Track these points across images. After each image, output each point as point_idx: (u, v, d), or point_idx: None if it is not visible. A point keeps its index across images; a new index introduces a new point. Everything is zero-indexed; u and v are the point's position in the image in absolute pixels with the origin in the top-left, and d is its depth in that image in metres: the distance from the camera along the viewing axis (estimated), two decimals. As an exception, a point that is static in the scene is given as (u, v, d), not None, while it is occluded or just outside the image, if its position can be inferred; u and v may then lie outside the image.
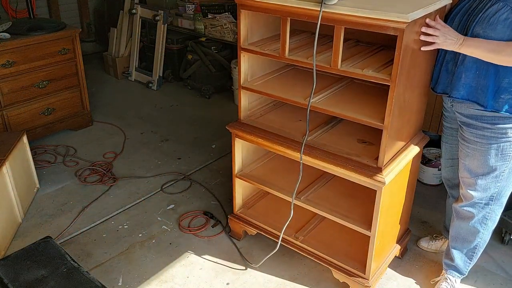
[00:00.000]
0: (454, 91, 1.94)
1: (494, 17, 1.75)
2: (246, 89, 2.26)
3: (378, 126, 1.88)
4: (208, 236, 2.71)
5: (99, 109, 4.40)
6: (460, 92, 1.92)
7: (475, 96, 1.89)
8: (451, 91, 1.96)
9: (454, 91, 1.94)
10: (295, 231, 2.42)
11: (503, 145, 1.90)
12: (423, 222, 2.84)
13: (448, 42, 1.80)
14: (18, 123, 3.48)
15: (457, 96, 1.93)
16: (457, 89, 1.92)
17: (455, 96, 1.94)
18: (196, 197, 3.08)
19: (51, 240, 2.05)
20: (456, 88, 1.93)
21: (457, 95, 1.93)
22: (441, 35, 1.80)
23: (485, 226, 2.11)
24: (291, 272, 2.45)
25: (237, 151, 2.42)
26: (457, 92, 1.93)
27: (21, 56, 3.37)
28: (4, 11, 4.92)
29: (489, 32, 1.77)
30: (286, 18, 1.95)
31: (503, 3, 1.74)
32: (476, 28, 1.80)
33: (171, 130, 4.03)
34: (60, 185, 3.20)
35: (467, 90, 1.90)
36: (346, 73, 1.91)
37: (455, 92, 1.93)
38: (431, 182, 3.19)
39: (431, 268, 2.47)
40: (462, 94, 1.92)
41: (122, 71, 5.21)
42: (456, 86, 1.92)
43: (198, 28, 4.78)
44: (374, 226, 2.03)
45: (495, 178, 1.98)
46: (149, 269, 2.47)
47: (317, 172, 2.39)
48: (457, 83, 1.92)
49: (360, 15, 1.71)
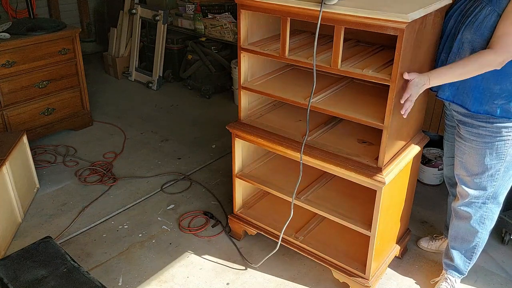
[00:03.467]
0: (440, 91, 1.96)
1: (482, 23, 1.76)
2: (246, 89, 2.26)
3: (378, 126, 1.88)
4: (208, 236, 2.71)
5: (99, 109, 4.40)
6: (446, 92, 1.94)
7: (460, 98, 1.90)
8: (437, 91, 1.98)
9: (440, 91, 1.96)
10: (295, 231, 2.42)
11: (498, 144, 1.91)
12: (423, 222, 2.84)
13: (421, 88, 1.78)
14: (18, 123, 3.48)
15: (442, 96, 1.95)
16: (443, 89, 1.94)
17: (441, 96, 1.96)
18: (196, 197, 3.09)
19: (51, 240, 2.05)
20: (442, 88, 1.94)
21: (443, 95, 1.95)
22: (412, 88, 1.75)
23: (483, 225, 2.11)
24: (291, 272, 2.45)
25: (237, 151, 2.43)
26: (443, 92, 1.95)
27: (21, 56, 3.37)
28: (4, 11, 4.92)
29: (476, 38, 1.78)
30: (286, 18, 1.95)
31: (492, 8, 1.74)
32: (465, 32, 1.81)
33: (171, 130, 4.03)
34: (60, 185, 3.20)
35: (452, 92, 1.92)
36: (346, 73, 1.91)
37: (441, 92, 1.95)
38: (431, 182, 3.19)
39: (431, 268, 2.47)
40: (447, 95, 1.94)
41: (122, 71, 5.21)
42: (442, 86, 1.94)
43: (198, 28, 4.78)
44: (374, 226, 2.03)
45: (491, 177, 1.98)
46: (149, 269, 2.47)
47: (317, 172, 2.39)
48: (443, 84, 1.92)
49: (360, 15, 1.71)
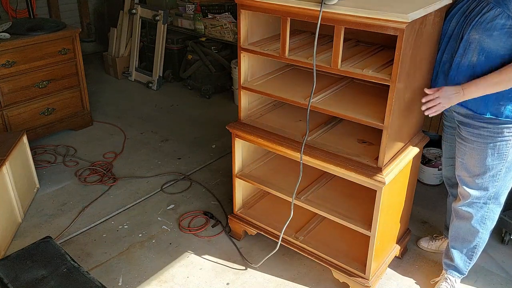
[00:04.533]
0: None
1: (491, 24, 1.75)
2: (246, 89, 2.26)
3: (378, 126, 1.88)
4: (208, 236, 2.71)
5: (99, 109, 4.40)
6: None
7: (465, 100, 1.89)
8: None
9: None
10: (295, 231, 2.42)
11: (499, 145, 1.91)
12: (423, 222, 2.84)
13: (453, 100, 1.84)
14: (18, 123, 3.48)
15: None
16: None
17: None
18: (196, 197, 3.09)
19: (51, 240, 2.05)
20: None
21: None
22: (443, 98, 1.84)
23: (484, 226, 2.11)
24: (291, 272, 2.45)
25: (237, 151, 2.42)
26: None
27: (21, 56, 3.37)
28: (4, 11, 4.92)
29: (485, 38, 1.77)
30: (286, 18, 1.95)
31: (501, 9, 1.73)
32: (472, 32, 1.80)
33: (171, 130, 4.03)
34: (60, 185, 3.20)
35: None
36: (346, 73, 1.91)
37: None
38: (431, 182, 3.19)
39: (431, 268, 2.47)
40: None
41: (122, 71, 5.21)
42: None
43: (198, 28, 4.78)
44: (374, 226, 2.03)
45: (492, 178, 1.98)
46: (149, 269, 2.47)
47: (317, 172, 2.39)
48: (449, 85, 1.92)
49: (360, 15, 1.71)
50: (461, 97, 1.84)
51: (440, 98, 1.85)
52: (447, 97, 1.85)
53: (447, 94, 1.85)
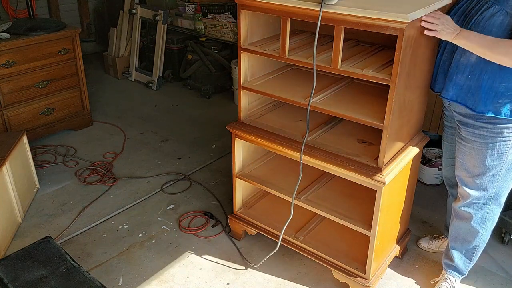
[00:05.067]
0: (444, 90, 1.95)
1: (489, 21, 1.75)
2: (246, 89, 2.26)
3: (378, 126, 1.88)
4: (208, 236, 2.71)
5: (99, 109, 4.40)
6: (449, 92, 1.93)
7: (464, 98, 1.89)
8: (442, 91, 1.97)
9: (444, 91, 1.95)
10: (295, 231, 2.42)
11: (499, 145, 1.91)
12: (423, 222, 2.84)
13: (446, 31, 1.79)
14: (18, 123, 3.48)
15: (446, 96, 1.95)
16: (447, 89, 1.94)
17: (445, 96, 1.96)
18: (196, 197, 3.08)
19: (51, 240, 2.05)
20: (446, 88, 1.94)
21: (446, 95, 1.94)
22: (440, 24, 1.78)
23: (484, 226, 2.11)
24: (291, 272, 2.45)
25: (237, 151, 2.42)
26: (447, 92, 1.94)
27: (21, 56, 3.37)
28: (4, 11, 4.92)
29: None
30: (286, 18, 1.95)
31: (499, 7, 1.74)
32: (472, 30, 1.80)
33: (171, 130, 4.03)
34: (60, 185, 3.20)
35: (456, 92, 1.91)
36: (346, 73, 1.91)
37: (445, 92, 1.95)
38: (431, 182, 3.19)
39: (431, 268, 2.47)
40: (451, 95, 1.93)
41: (122, 71, 5.21)
42: (446, 86, 1.94)
43: (198, 28, 4.78)
44: (374, 226, 2.03)
45: (492, 178, 1.98)
46: (149, 269, 2.47)
47: (317, 172, 2.39)
48: (448, 84, 1.93)
49: (360, 15, 1.71)
50: (453, 36, 1.77)
51: (440, 20, 1.78)
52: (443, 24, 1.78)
53: (446, 23, 1.78)
